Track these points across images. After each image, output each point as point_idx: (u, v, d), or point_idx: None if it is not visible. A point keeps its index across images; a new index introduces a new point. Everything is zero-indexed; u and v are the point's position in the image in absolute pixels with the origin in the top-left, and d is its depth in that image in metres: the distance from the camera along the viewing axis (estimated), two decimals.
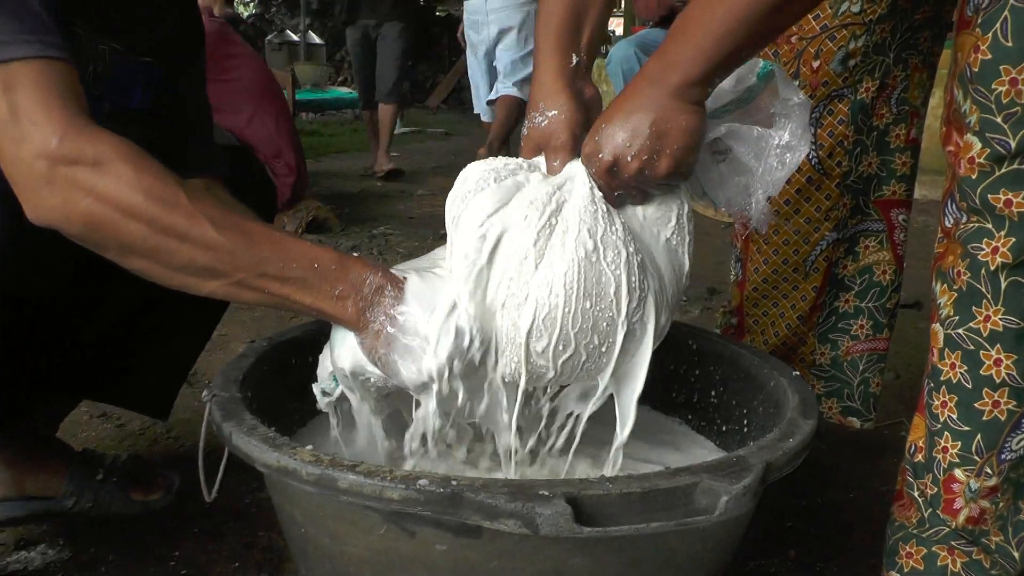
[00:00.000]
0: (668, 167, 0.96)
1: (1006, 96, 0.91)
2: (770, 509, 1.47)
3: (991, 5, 0.91)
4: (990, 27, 0.91)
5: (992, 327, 0.97)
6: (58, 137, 0.91)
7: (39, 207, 0.93)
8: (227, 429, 0.95)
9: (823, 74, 1.37)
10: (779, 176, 1.04)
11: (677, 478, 0.84)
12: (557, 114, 1.03)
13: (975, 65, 0.93)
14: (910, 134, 1.45)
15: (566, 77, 1.05)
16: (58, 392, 1.42)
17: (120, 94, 1.19)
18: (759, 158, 1.04)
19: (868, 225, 1.50)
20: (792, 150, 1.03)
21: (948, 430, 1.02)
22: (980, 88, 0.93)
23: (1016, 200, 0.92)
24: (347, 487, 0.83)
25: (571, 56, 1.06)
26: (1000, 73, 0.91)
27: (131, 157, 0.93)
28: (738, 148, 1.04)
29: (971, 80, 0.94)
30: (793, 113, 1.04)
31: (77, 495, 1.43)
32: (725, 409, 1.27)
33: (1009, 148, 0.92)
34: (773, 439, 0.94)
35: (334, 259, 0.97)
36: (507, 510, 0.79)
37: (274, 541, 1.40)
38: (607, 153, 0.96)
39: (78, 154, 0.91)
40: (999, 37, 0.90)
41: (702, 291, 2.89)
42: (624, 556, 0.89)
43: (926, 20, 1.37)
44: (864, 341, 1.53)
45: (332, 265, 0.96)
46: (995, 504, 1.03)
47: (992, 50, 0.91)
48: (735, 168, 1.07)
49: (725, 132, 1.03)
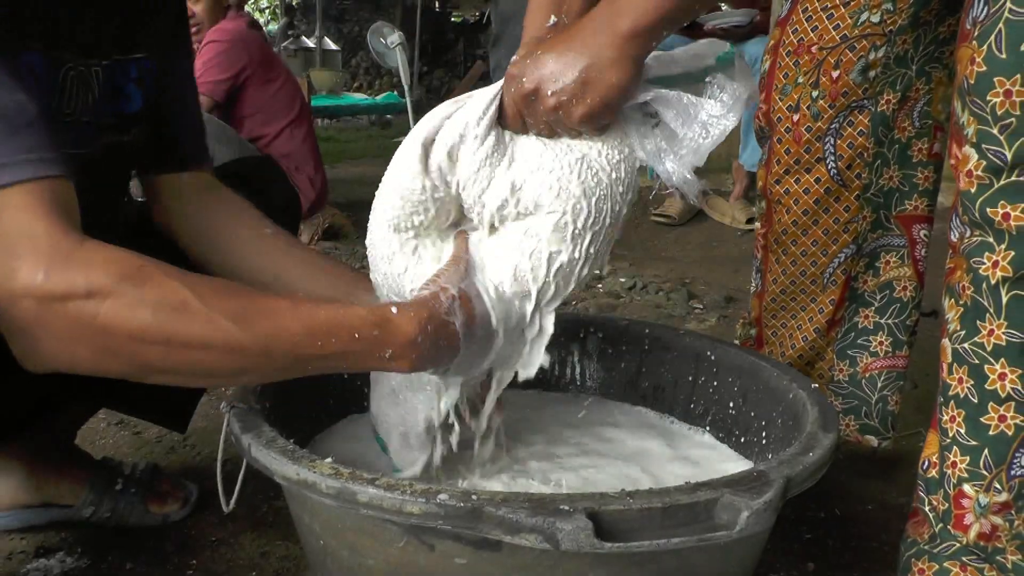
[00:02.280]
0: (582, 115, 0.96)
1: (1000, 107, 0.91)
2: (788, 521, 1.47)
3: (987, 19, 0.91)
4: (985, 39, 0.91)
5: (996, 341, 0.96)
6: (43, 271, 0.81)
7: (37, 353, 0.85)
8: (246, 441, 0.95)
9: (843, 84, 1.37)
10: (704, 144, 1.01)
11: (698, 493, 0.84)
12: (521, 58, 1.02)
13: (971, 77, 0.93)
14: (933, 148, 1.44)
15: (540, 34, 1.05)
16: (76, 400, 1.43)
17: (115, 102, 1.17)
18: (686, 125, 1.01)
19: (889, 240, 1.49)
20: (719, 119, 1.01)
21: (957, 445, 1.02)
22: (976, 100, 0.93)
23: (1014, 213, 0.92)
24: (367, 501, 0.83)
25: (550, 17, 1.06)
26: (995, 85, 0.91)
27: (127, 272, 0.84)
28: (665, 114, 1.02)
29: (968, 92, 0.94)
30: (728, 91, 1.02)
31: (96, 504, 1.45)
32: (744, 421, 1.26)
33: (1005, 160, 0.91)
34: (793, 453, 0.94)
35: (375, 322, 0.88)
36: (527, 525, 0.79)
37: (291, 550, 1.40)
38: (529, 81, 0.97)
39: (68, 287, 0.81)
40: (994, 49, 0.90)
41: (719, 299, 2.87)
42: (644, 571, 0.89)
43: (952, 34, 1.36)
44: (883, 358, 1.52)
45: (374, 331, 0.88)
46: (1009, 521, 1.02)
47: (987, 62, 0.91)
48: (668, 137, 1.05)
49: (653, 96, 1.01)
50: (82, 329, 0.82)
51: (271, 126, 3.49)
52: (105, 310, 0.82)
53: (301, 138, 3.58)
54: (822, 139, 1.41)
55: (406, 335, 0.89)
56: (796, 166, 1.44)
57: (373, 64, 10.63)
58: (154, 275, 0.85)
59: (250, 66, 3.41)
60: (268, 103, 3.48)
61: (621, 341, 1.42)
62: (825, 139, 1.41)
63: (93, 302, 0.82)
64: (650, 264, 3.38)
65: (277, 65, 3.65)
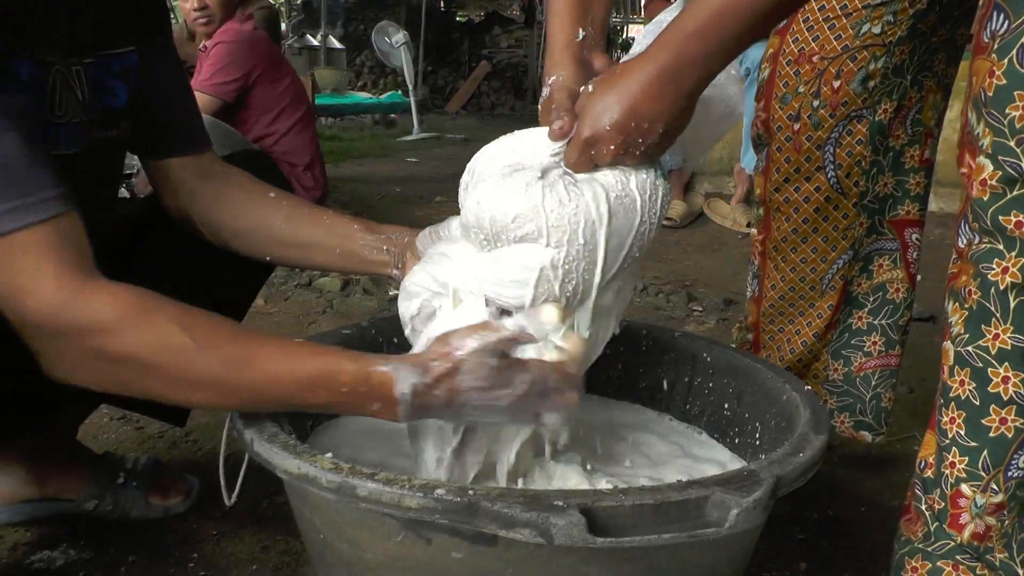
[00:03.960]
0: (643, 159, 1.00)
1: (1019, 121, 0.92)
2: (782, 521, 1.49)
3: (1008, 33, 0.92)
4: (1006, 53, 0.92)
5: (1000, 345, 0.98)
6: (52, 310, 0.91)
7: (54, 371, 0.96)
8: (249, 436, 0.97)
9: (843, 94, 1.39)
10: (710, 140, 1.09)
11: (689, 490, 0.85)
12: (556, 79, 1.06)
13: (990, 90, 0.94)
14: (923, 155, 1.47)
15: (572, 48, 1.07)
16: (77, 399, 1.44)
17: (100, 99, 1.18)
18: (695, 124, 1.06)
19: (883, 244, 1.52)
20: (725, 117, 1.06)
21: (956, 446, 1.03)
22: (994, 112, 0.94)
23: None
24: (366, 495, 0.85)
25: (578, 30, 1.08)
26: (1015, 98, 0.92)
27: (129, 313, 0.93)
28: None
29: (985, 104, 0.95)
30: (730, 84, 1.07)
31: (98, 498, 1.46)
32: (739, 421, 1.28)
33: (1020, 171, 0.93)
34: (784, 453, 0.96)
35: (363, 378, 0.92)
36: (523, 520, 0.81)
37: (291, 544, 1.42)
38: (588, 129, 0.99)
39: (75, 324, 0.91)
40: (1015, 64, 0.91)
41: (718, 302, 2.90)
42: (637, 566, 0.91)
43: (942, 43, 1.39)
44: (876, 357, 1.55)
45: (361, 387, 0.92)
46: (1001, 521, 1.04)
47: (1007, 76, 0.92)
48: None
49: None
50: (89, 361, 0.93)
51: (279, 124, 3.52)
52: (110, 346, 0.92)
53: (308, 137, 3.61)
54: (822, 148, 1.43)
55: (390, 394, 0.92)
56: (796, 175, 1.46)
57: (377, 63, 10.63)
58: (154, 315, 0.93)
59: (259, 66, 3.43)
60: (276, 102, 3.50)
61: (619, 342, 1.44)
62: (825, 148, 1.43)
63: (99, 338, 0.92)
64: (650, 266, 3.39)
65: (284, 65, 3.67)
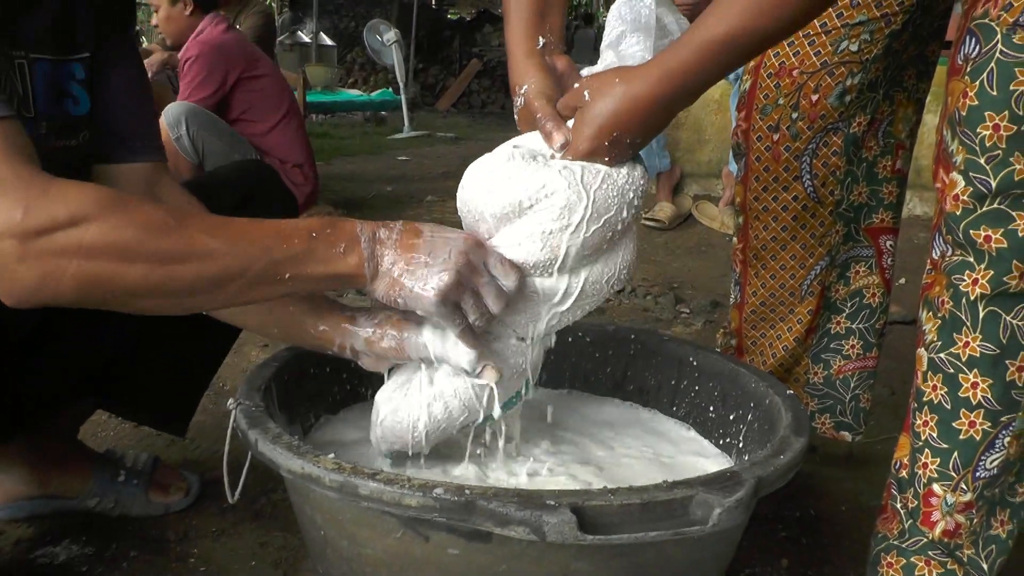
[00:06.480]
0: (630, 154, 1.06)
1: (989, 140, 0.97)
2: (765, 519, 1.53)
3: (979, 56, 0.98)
4: (978, 75, 0.97)
5: (971, 352, 1.03)
6: (21, 209, 0.84)
7: (15, 289, 0.87)
8: (253, 436, 1.01)
9: (821, 108, 1.44)
10: None
11: (674, 491, 0.90)
12: (527, 88, 1.09)
13: (963, 109, 0.99)
14: (895, 165, 1.53)
15: (534, 56, 1.11)
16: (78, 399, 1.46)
17: (60, 104, 1.16)
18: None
19: (858, 251, 1.58)
20: None
21: (928, 447, 1.09)
22: (967, 131, 0.99)
23: (995, 236, 0.99)
24: (368, 494, 0.89)
25: (538, 39, 1.12)
26: (985, 119, 0.97)
27: (107, 199, 0.89)
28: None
29: (959, 123, 1.00)
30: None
31: (100, 495, 1.49)
32: (722, 424, 1.32)
33: (990, 188, 0.98)
34: (766, 455, 1.00)
35: (326, 223, 0.98)
36: (516, 518, 0.85)
37: (289, 541, 1.46)
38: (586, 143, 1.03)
39: (50, 220, 0.85)
40: (986, 86, 0.97)
41: (706, 304, 2.93)
42: (625, 562, 0.95)
43: (910, 59, 1.46)
44: (855, 360, 1.60)
45: (327, 229, 0.97)
46: (970, 519, 1.09)
47: (979, 97, 0.97)
48: None
49: None
50: (67, 258, 0.86)
51: (263, 123, 3.53)
52: (91, 234, 0.86)
53: (293, 132, 3.62)
54: (799, 158, 1.48)
55: (352, 227, 0.98)
56: (775, 183, 1.52)
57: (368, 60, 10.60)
58: (131, 201, 0.91)
59: (233, 71, 3.44)
60: (258, 101, 3.51)
61: (608, 345, 1.48)
62: (802, 158, 1.48)
63: (78, 229, 0.86)
64: (638, 268, 3.42)
65: (262, 62, 3.65)
